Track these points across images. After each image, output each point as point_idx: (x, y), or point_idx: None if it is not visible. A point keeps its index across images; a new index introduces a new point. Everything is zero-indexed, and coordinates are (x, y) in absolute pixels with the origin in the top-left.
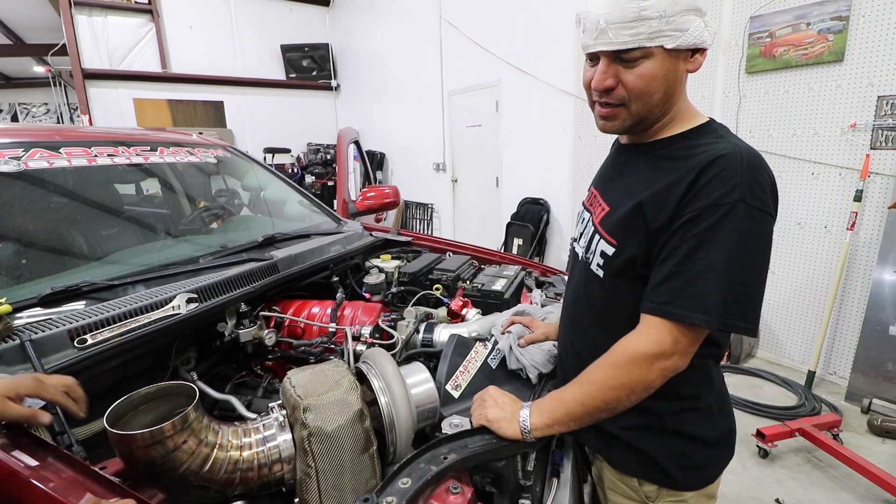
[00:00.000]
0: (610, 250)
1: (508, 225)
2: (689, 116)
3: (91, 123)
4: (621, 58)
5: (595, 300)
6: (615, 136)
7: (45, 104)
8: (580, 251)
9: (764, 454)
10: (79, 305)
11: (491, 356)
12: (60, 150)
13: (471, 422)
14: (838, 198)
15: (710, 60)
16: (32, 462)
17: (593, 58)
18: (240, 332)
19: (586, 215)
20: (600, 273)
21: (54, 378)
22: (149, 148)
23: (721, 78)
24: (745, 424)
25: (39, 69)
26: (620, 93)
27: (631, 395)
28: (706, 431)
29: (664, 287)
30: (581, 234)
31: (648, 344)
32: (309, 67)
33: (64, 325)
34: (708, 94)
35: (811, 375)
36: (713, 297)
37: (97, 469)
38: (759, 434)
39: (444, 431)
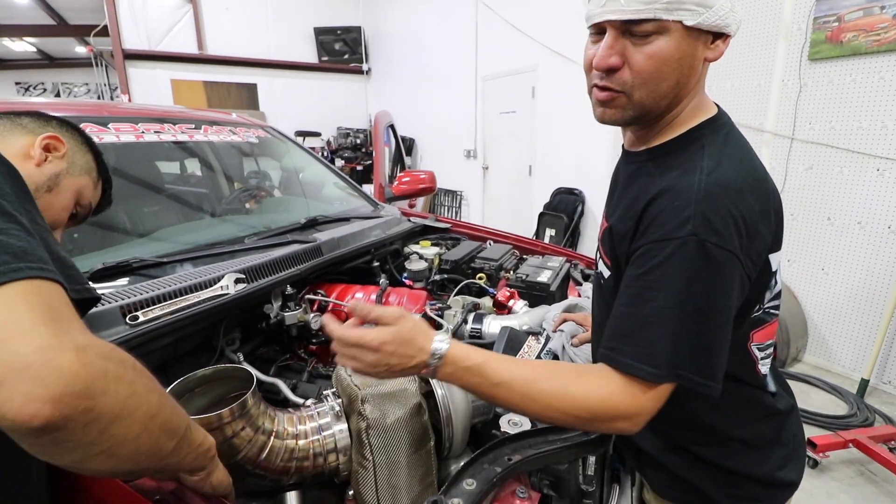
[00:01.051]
0: (606, 273)
1: (541, 215)
2: (690, 117)
3: (130, 103)
4: (631, 31)
5: (605, 315)
6: None
7: (86, 84)
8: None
9: (814, 464)
10: (128, 282)
11: (543, 351)
12: (108, 126)
13: (531, 422)
14: None
15: (769, 46)
16: None
17: (599, 31)
18: (285, 314)
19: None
20: (606, 288)
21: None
22: (193, 126)
23: (780, 65)
24: None
25: (81, 49)
26: (624, 76)
27: (567, 425)
28: (755, 467)
29: (612, 330)
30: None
31: (621, 399)
32: (341, 51)
33: (116, 301)
34: (765, 81)
35: (864, 384)
36: (661, 346)
37: None
38: (811, 443)
39: (503, 430)
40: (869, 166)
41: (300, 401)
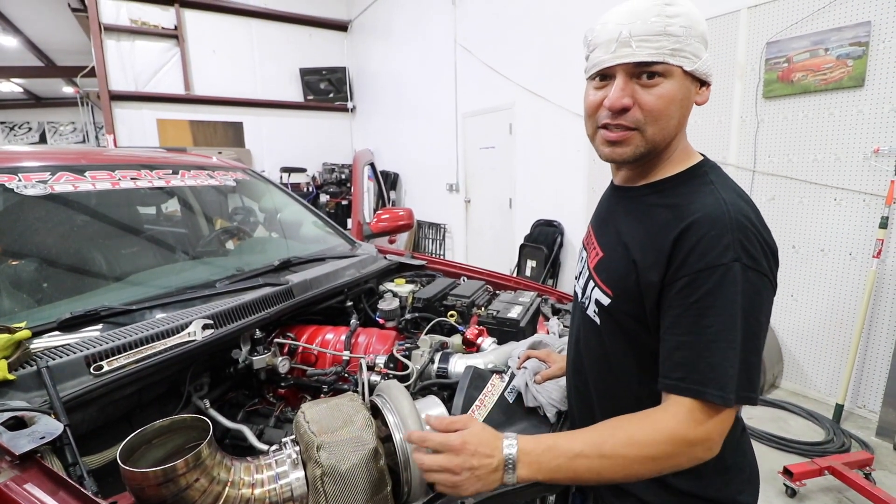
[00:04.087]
0: (605, 300)
1: (522, 247)
2: (683, 157)
3: (115, 142)
4: (640, 74)
5: (593, 346)
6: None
7: (73, 123)
8: (578, 291)
9: (792, 493)
10: (96, 331)
11: (507, 390)
12: (85, 174)
13: None
14: (863, 224)
15: (727, 85)
16: (45, 497)
17: (604, 77)
18: (253, 358)
19: (584, 254)
20: (597, 320)
21: None
22: (170, 171)
23: (738, 103)
24: (771, 460)
25: (68, 90)
26: (636, 114)
27: (653, 472)
28: (717, 491)
29: (676, 360)
30: (580, 274)
31: (689, 428)
32: (326, 90)
33: (81, 352)
34: (725, 118)
35: (839, 409)
36: (725, 368)
37: None
38: (787, 472)
39: None
40: (827, 196)
41: (265, 447)
